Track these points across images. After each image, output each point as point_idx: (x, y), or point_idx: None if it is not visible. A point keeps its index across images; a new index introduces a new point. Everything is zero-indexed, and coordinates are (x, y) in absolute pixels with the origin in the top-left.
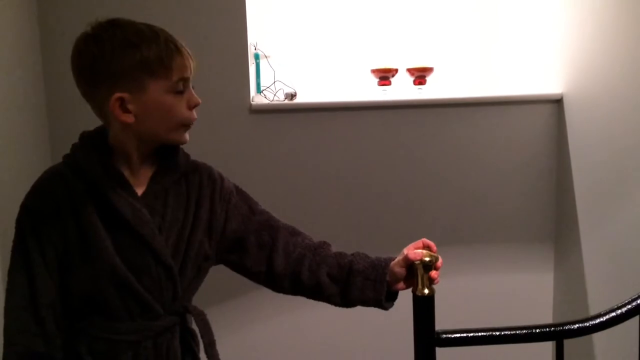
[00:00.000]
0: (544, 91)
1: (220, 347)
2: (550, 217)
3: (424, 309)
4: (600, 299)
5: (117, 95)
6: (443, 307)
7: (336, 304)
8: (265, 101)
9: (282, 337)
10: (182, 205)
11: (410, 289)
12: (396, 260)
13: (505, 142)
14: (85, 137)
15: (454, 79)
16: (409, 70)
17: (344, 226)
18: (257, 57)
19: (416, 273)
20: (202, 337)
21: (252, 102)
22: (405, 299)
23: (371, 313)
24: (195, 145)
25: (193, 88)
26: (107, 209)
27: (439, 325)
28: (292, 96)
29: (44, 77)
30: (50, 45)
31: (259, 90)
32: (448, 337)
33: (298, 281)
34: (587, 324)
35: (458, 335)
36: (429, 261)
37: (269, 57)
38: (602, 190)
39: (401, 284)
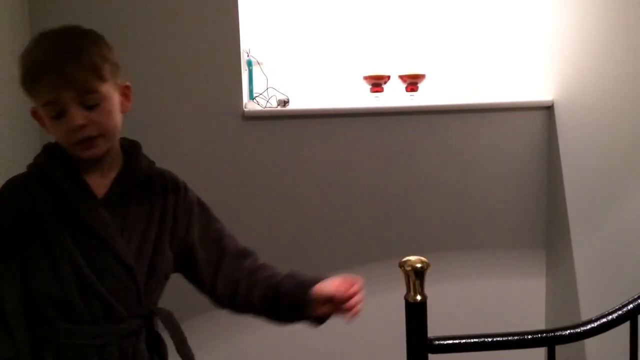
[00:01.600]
0: (535, 98)
1: (213, 353)
2: (542, 223)
3: (416, 315)
4: (592, 304)
5: (34, 106)
6: (435, 313)
7: (272, 323)
8: (257, 107)
9: (275, 343)
10: (145, 209)
11: None
12: (319, 286)
13: (496, 148)
14: (47, 146)
15: (446, 86)
16: (401, 77)
17: (337, 233)
18: (249, 63)
19: (407, 279)
20: (172, 337)
21: (244, 109)
22: (398, 304)
23: (364, 319)
24: (188, 151)
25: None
26: (69, 213)
27: (431, 332)
28: (284, 103)
29: None
30: None
31: (251, 96)
32: (441, 344)
33: (234, 302)
34: (579, 330)
35: (451, 341)
36: (421, 267)
37: (261, 63)
38: (594, 196)
39: (325, 309)
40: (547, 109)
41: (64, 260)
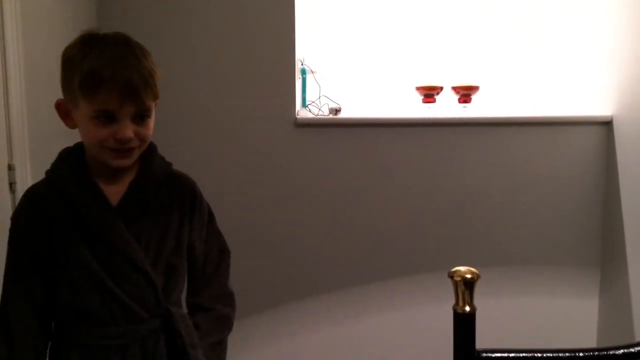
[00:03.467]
0: (594, 113)
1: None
2: (597, 241)
3: (464, 326)
4: None
5: (61, 100)
6: (484, 326)
7: None
8: (310, 115)
9: (311, 351)
10: (163, 212)
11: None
12: None
13: (552, 163)
14: (63, 153)
15: (499, 99)
16: (454, 88)
17: (387, 241)
18: (303, 72)
19: (456, 290)
20: (183, 338)
21: (297, 116)
22: (445, 315)
23: (412, 329)
24: (241, 156)
25: (145, 117)
26: (84, 223)
27: (479, 344)
28: (336, 111)
29: None
30: None
31: (304, 104)
32: (489, 356)
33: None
34: (633, 350)
35: (499, 354)
36: (470, 278)
37: (315, 72)
38: None
39: None
40: (606, 124)
41: (81, 269)
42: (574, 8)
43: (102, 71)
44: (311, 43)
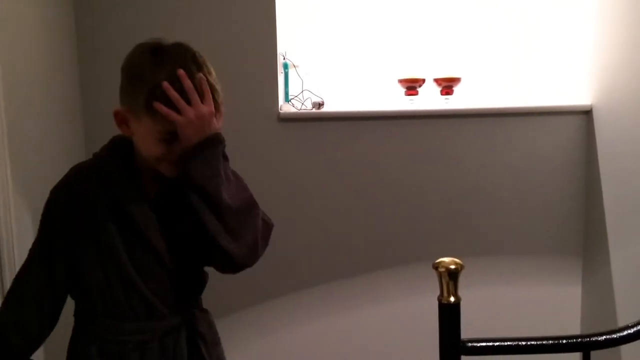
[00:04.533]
0: (573, 102)
1: (246, 351)
2: (579, 229)
3: (449, 316)
4: (628, 311)
5: (119, 109)
6: (469, 316)
7: None
8: (293, 110)
9: (304, 343)
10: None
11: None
12: None
13: (533, 153)
14: (115, 140)
15: (481, 90)
16: (436, 80)
17: (370, 234)
18: (285, 66)
19: (441, 281)
20: (204, 336)
21: (280, 111)
22: (431, 306)
23: (398, 320)
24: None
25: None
26: (120, 211)
27: (464, 334)
28: (319, 105)
29: (80, 83)
30: (86, 55)
31: (287, 99)
32: (474, 346)
33: None
34: (615, 336)
35: (484, 344)
36: (455, 269)
37: (297, 66)
38: (632, 202)
39: None
40: (586, 114)
41: (111, 257)
42: None
43: (163, 94)
44: (293, 37)
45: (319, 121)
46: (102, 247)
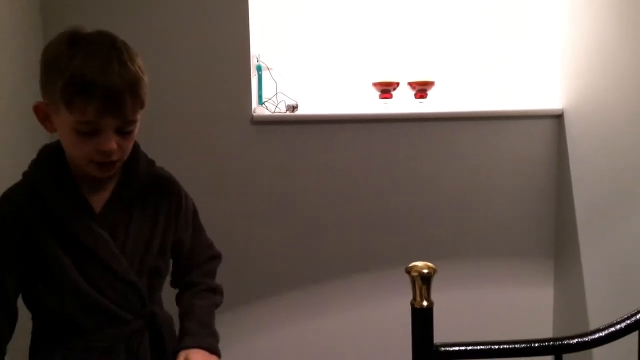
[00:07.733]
0: (545, 106)
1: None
2: (550, 231)
3: (422, 321)
4: (600, 314)
5: (39, 103)
6: (442, 320)
7: None
8: (266, 112)
9: (279, 347)
10: (149, 215)
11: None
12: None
13: (505, 156)
14: (44, 152)
15: (455, 93)
16: (410, 83)
17: (344, 238)
18: (259, 68)
19: (414, 285)
20: (166, 344)
21: (253, 114)
22: (404, 310)
23: (371, 324)
24: (196, 154)
25: (131, 123)
26: (64, 231)
27: (437, 338)
28: (293, 108)
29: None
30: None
31: (260, 101)
32: (447, 350)
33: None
34: (587, 339)
35: (457, 348)
36: (427, 273)
37: (271, 69)
38: (602, 205)
39: None
40: (557, 118)
41: (62, 278)
42: (525, 2)
43: (86, 80)
44: (267, 39)
45: (293, 124)
46: (51, 268)
